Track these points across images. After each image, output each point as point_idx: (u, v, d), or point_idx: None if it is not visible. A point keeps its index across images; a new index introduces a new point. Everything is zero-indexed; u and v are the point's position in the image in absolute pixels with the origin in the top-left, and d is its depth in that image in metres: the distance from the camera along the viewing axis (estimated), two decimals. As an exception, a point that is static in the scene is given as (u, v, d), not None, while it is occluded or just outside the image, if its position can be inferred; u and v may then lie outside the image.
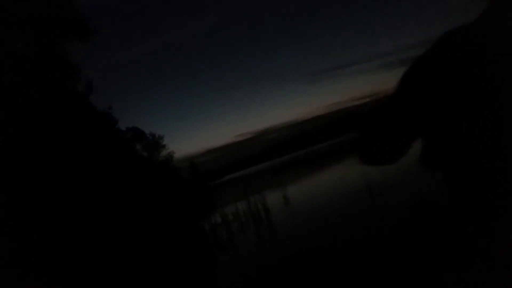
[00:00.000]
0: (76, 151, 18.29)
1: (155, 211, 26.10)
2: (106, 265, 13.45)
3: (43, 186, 15.01)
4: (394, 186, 12.07)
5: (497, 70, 1.16)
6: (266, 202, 16.32)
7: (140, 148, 54.71)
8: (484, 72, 1.19)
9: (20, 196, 13.69)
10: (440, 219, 7.34)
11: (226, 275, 8.87)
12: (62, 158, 16.92)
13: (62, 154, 17.03)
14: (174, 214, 29.43)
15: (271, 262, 8.56)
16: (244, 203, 17.03)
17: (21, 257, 11.85)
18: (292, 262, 7.91)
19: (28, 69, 15.98)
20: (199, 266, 11.07)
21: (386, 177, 14.26)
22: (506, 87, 1.15)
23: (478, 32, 1.26)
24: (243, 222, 15.52)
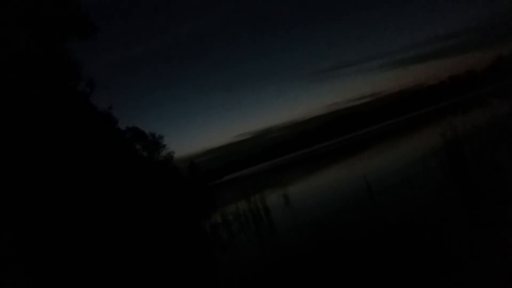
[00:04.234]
0: (76, 151, 18.28)
1: (155, 211, 26.09)
2: (106, 264, 13.44)
3: (44, 186, 15.00)
4: (394, 186, 12.07)
5: None
6: (266, 202, 16.33)
7: (140, 148, 54.72)
8: None
9: (20, 196, 13.68)
10: (439, 219, 7.33)
11: (226, 275, 8.87)
12: (62, 158, 16.91)
13: (62, 153, 17.02)
14: (174, 214, 29.41)
15: (271, 261, 8.56)
16: (244, 203, 17.04)
17: (21, 257, 11.84)
18: (292, 261, 7.91)
19: (29, 68, 15.98)
20: (199, 266, 11.07)
21: (386, 177, 14.26)
22: None
23: None
24: (243, 222, 15.52)
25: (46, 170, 15.47)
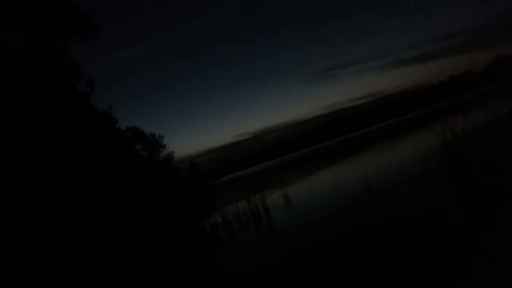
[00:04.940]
0: (76, 151, 18.28)
1: (155, 211, 26.09)
2: (106, 265, 13.44)
3: (43, 186, 15.00)
4: (394, 186, 12.07)
5: None
6: (266, 202, 16.34)
7: (140, 148, 54.70)
8: None
9: (20, 196, 13.68)
10: (439, 219, 7.33)
11: (226, 275, 8.87)
12: (62, 158, 16.92)
13: (62, 153, 17.02)
14: (174, 214, 29.42)
15: (271, 261, 8.56)
16: (244, 203, 17.04)
17: (21, 257, 11.84)
18: (292, 261, 7.91)
19: (29, 68, 15.97)
20: (199, 266, 11.07)
21: (386, 177, 14.26)
22: None
23: None
24: (243, 222, 15.52)
25: (46, 170, 15.48)
